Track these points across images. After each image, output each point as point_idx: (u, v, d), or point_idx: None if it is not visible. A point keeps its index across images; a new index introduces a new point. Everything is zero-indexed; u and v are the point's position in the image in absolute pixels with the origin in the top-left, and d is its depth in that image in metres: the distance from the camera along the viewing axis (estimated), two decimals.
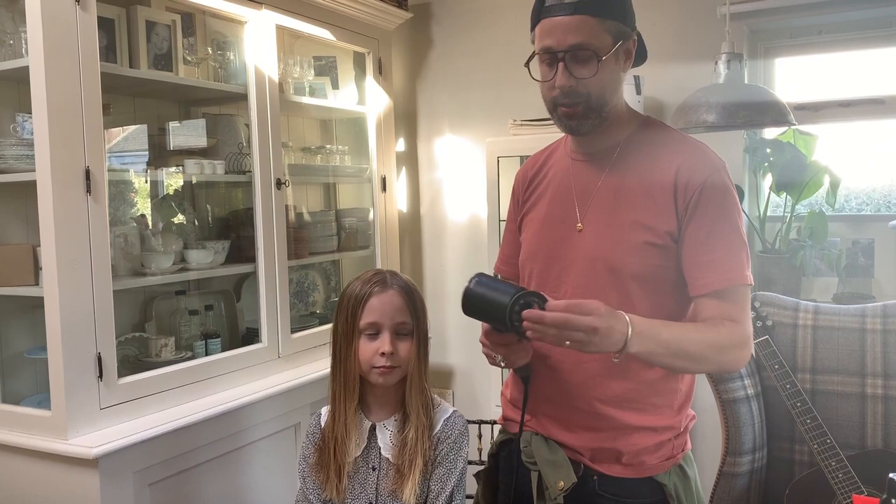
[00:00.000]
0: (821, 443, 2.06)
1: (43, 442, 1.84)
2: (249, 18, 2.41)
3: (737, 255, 1.37)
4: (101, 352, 1.89)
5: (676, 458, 1.44)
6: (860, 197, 2.96)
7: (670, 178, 1.38)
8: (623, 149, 1.45)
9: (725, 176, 1.39)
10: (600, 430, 1.41)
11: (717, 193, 1.36)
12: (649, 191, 1.39)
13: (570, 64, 1.34)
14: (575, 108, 1.37)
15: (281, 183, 2.49)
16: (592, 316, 1.19)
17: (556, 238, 1.46)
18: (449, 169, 3.36)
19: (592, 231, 1.42)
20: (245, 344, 2.49)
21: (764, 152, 2.77)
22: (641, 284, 1.38)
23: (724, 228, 1.37)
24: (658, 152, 1.42)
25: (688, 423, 1.49)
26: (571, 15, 1.32)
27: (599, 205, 1.43)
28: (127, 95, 2.40)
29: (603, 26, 1.33)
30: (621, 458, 1.40)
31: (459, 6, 3.29)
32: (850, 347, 2.20)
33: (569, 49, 1.33)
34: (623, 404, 1.40)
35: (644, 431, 1.41)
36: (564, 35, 1.32)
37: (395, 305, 1.49)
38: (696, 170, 1.37)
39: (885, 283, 2.72)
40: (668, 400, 1.43)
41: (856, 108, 2.79)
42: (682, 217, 1.37)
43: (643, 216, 1.38)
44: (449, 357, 3.33)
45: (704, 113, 2.09)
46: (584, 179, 1.46)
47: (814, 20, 2.77)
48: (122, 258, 2.16)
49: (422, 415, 1.49)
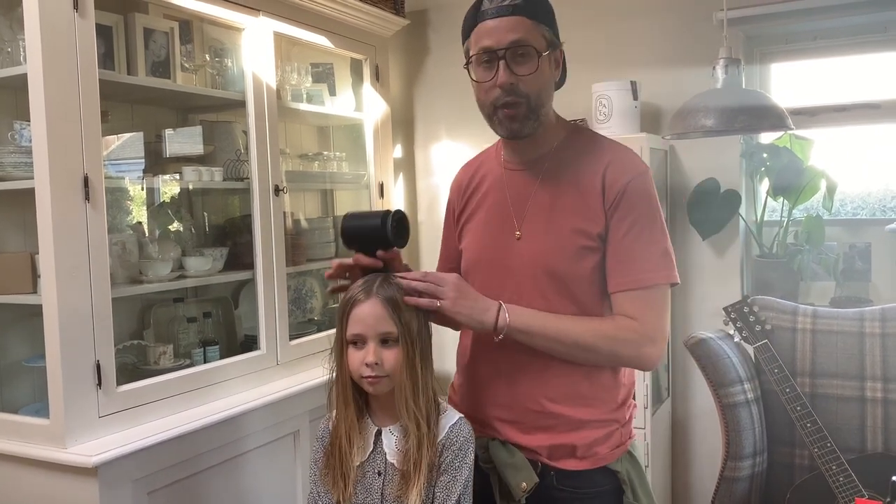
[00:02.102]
0: (821, 446, 2.06)
1: (41, 451, 1.82)
2: (247, 26, 2.41)
3: (652, 255, 1.43)
4: (100, 360, 1.88)
5: (625, 446, 1.51)
6: (855, 201, 2.97)
7: (598, 180, 1.44)
8: (554, 156, 1.50)
9: (648, 180, 1.46)
10: (554, 429, 1.47)
11: (637, 196, 1.43)
12: (581, 195, 1.45)
13: (510, 61, 1.38)
14: (517, 108, 1.41)
15: (279, 190, 2.49)
16: (450, 276, 1.43)
17: (496, 246, 1.52)
18: (446, 175, 3.35)
19: (531, 239, 1.48)
20: (243, 351, 2.48)
21: (760, 157, 2.78)
22: (582, 287, 1.44)
23: (642, 231, 1.43)
24: (587, 157, 1.48)
25: (632, 412, 1.56)
26: (509, 16, 1.38)
27: (536, 212, 1.48)
28: (125, 102, 2.40)
29: (538, 29, 1.40)
30: (576, 451, 1.47)
31: (456, 13, 3.27)
32: (849, 351, 2.21)
33: (509, 46, 1.38)
34: (571, 401, 1.46)
35: (593, 424, 1.47)
36: (504, 34, 1.38)
37: (377, 315, 1.45)
38: (621, 172, 1.43)
39: (882, 286, 2.72)
40: (612, 394, 1.50)
41: (851, 113, 2.80)
42: (608, 217, 1.43)
43: (578, 221, 1.44)
44: (446, 363, 3.32)
45: (703, 118, 2.10)
46: (518, 188, 1.52)
47: (809, 26, 2.79)
48: (120, 266, 2.15)
49: (421, 423, 1.46)
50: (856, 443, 2.16)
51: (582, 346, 1.42)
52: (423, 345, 1.50)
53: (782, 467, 2.26)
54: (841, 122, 2.83)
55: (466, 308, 1.40)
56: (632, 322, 1.41)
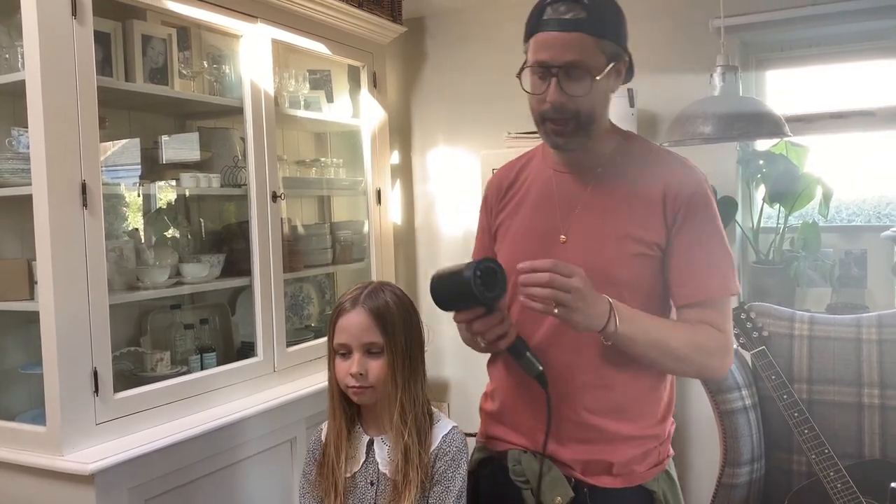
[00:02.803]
0: (818, 453, 2.06)
1: (38, 458, 1.82)
2: (245, 32, 2.41)
3: (719, 267, 1.41)
4: (97, 367, 1.88)
5: (663, 465, 1.47)
6: (851, 208, 2.98)
7: (658, 191, 1.40)
8: (608, 162, 1.46)
9: (708, 189, 1.44)
10: (591, 442, 1.42)
11: (701, 208, 1.40)
12: (637, 203, 1.41)
13: (563, 80, 1.34)
14: (565, 125, 1.37)
15: (276, 196, 2.49)
16: (576, 277, 1.26)
17: (540, 249, 1.44)
18: (443, 181, 3.36)
19: (578, 243, 1.43)
20: (240, 358, 2.47)
21: (757, 164, 2.79)
22: (630, 294, 1.39)
23: (709, 240, 1.40)
24: (644, 166, 1.45)
25: (670, 429, 1.52)
26: (570, 31, 1.32)
27: (585, 217, 1.44)
28: (123, 109, 2.40)
29: (599, 46, 1.34)
30: (612, 468, 1.42)
31: (453, 20, 3.31)
32: (846, 357, 2.21)
33: (563, 65, 1.33)
34: (611, 414, 1.42)
35: (632, 441, 1.43)
36: (560, 51, 1.33)
37: (362, 325, 1.44)
38: (684, 183, 1.41)
39: (877, 293, 2.73)
40: (652, 409, 1.46)
41: (847, 120, 2.81)
42: (669, 228, 1.40)
43: (632, 228, 1.40)
44: (444, 370, 3.32)
45: (701, 124, 2.11)
46: (567, 191, 1.47)
47: (805, 33, 2.80)
48: (117, 272, 2.15)
49: (405, 433, 1.45)
50: (853, 449, 2.16)
51: (677, 356, 1.37)
52: (413, 355, 1.48)
53: (780, 473, 2.26)
54: (836, 130, 2.84)
55: (581, 316, 1.28)
56: (718, 332, 1.39)
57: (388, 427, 1.47)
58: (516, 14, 1.52)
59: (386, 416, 1.47)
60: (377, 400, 1.48)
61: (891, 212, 2.91)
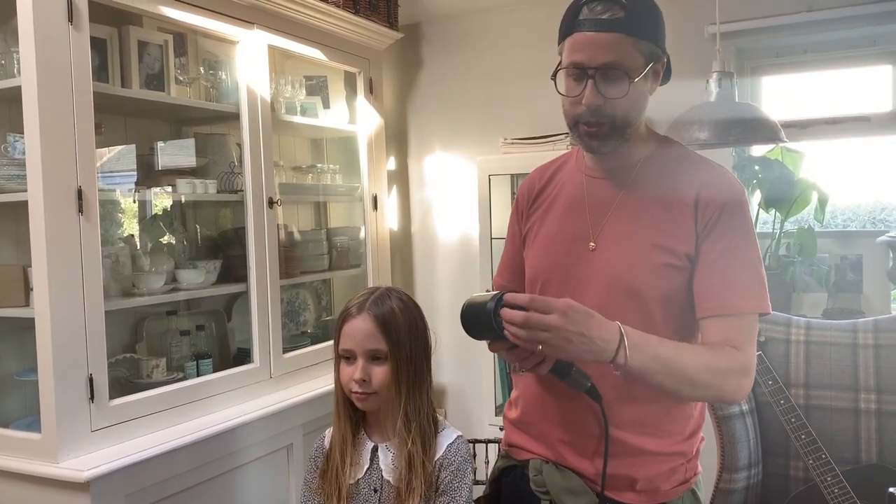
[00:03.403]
0: (816, 458, 2.06)
1: (33, 465, 1.81)
2: (241, 39, 2.41)
3: (748, 281, 1.33)
4: (93, 373, 1.87)
5: (689, 483, 1.42)
6: (846, 213, 2.99)
7: (691, 198, 1.34)
8: (642, 167, 1.41)
9: (745, 201, 1.36)
10: (615, 456, 1.35)
11: (734, 218, 1.33)
12: (669, 210, 1.35)
13: (599, 82, 1.29)
14: (599, 127, 1.33)
15: (273, 202, 2.49)
16: (554, 315, 1.16)
17: (568, 256, 1.41)
18: (440, 187, 3.36)
19: (608, 250, 1.38)
20: (236, 364, 2.47)
21: (752, 169, 2.80)
22: (663, 306, 1.35)
23: (739, 253, 1.32)
24: (678, 172, 1.39)
25: (699, 445, 1.46)
26: (607, 32, 1.27)
27: (616, 223, 1.39)
28: (119, 115, 2.40)
29: (637, 47, 1.30)
30: (636, 485, 1.37)
31: (449, 26, 3.32)
32: (842, 362, 2.21)
33: (600, 67, 1.28)
34: (638, 429, 1.37)
35: (658, 457, 1.38)
36: (597, 52, 1.28)
37: (366, 332, 1.44)
38: (718, 190, 1.35)
39: (873, 298, 2.74)
40: (681, 426, 1.41)
41: (842, 126, 2.82)
42: (700, 236, 1.34)
43: (663, 237, 1.35)
44: (441, 375, 3.32)
45: (697, 130, 2.11)
46: (599, 197, 1.42)
47: (799, 40, 2.81)
48: (113, 279, 2.14)
49: (407, 441, 1.44)
50: (850, 454, 2.16)
51: (694, 383, 1.28)
52: (418, 363, 1.48)
53: (777, 479, 2.26)
54: (831, 135, 2.85)
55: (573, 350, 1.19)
56: (737, 353, 1.29)
57: (392, 434, 1.46)
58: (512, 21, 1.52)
59: (389, 422, 1.47)
60: (381, 406, 1.47)
61: (886, 217, 2.92)
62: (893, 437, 2.12)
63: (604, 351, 1.20)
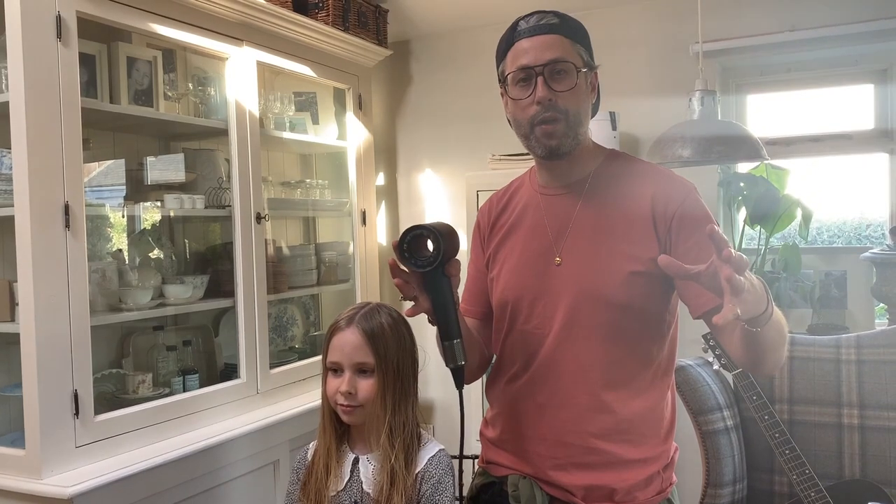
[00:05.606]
0: (800, 473, 2.07)
1: (16, 482, 1.79)
2: (230, 55, 2.43)
3: None
4: (78, 389, 1.87)
5: (666, 493, 1.44)
6: (831, 229, 3.02)
7: (647, 207, 1.40)
8: (594, 180, 1.46)
9: (697, 196, 1.42)
10: (593, 467, 1.39)
11: (694, 216, 1.39)
12: (628, 219, 1.40)
13: (548, 78, 1.37)
14: (556, 124, 1.38)
15: (261, 217, 2.49)
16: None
17: (536, 273, 1.45)
18: (428, 203, 3.38)
19: (574, 263, 1.42)
20: (223, 380, 2.46)
21: (737, 186, 2.83)
22: (633, 314, 1.39)
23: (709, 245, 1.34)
24: (630, 182, 1.45)
25: (673, 454, 1.49)
26: (546, 34, 1.39)
27: (577, 237, 1.43)
28: (107, 130, 2.40)
29: (575, 48, 1.41)
30: (614, 495, 1.39)
31: (438, 43, 3.35)
32: (825, 378, 2.23)
33: (547, 63, 1.37)
34: (614, 436, 1.39)
35: (635, 465, 1.41)
36: (541, 52, 1.38)
37: (354, 345, 1.46)
38: (671, 197, 1.40)
39: (857, 314, 2.76)
40: (655, 429, 1.44)
41: (825, 143, 2.86)
42: (664, 243, 1.38)
43: (625, 245, 1.39)
44: (429, 391, 3.31)
45: (680, 148, 2.13)
46: (557, 212, 1.47)
47: (783, 58, 2.85)
48: (100, 293, 2.14)
49: (391, 455, 1.45)
50: (834, 469, 2.18)
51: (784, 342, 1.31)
52: (404, 377, 1.49)
53: (762, 494, 2.27)
54: (815, 153, 2.89)
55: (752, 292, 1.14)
56: None
57: (375, 446, 1.47)
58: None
59: (374, 436, 1.47)
60: (366, 420, 1.48)
61: (870, 233, 2.95)
62: (876, 452, 2.14)
63: (763, 299, 1.18)
